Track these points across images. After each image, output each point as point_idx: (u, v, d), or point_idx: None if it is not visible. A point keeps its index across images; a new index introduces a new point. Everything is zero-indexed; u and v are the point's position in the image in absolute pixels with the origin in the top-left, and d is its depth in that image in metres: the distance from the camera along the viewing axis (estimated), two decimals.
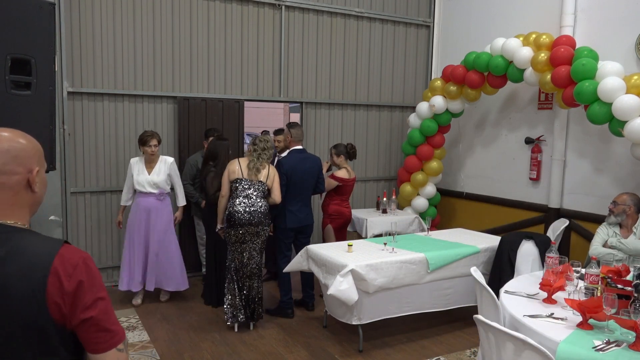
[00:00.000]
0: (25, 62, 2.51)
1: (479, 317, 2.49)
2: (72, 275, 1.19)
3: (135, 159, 4.77)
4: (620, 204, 3.88)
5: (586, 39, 4.84)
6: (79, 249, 1.26)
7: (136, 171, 4.69)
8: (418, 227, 5.87)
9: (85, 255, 1.24)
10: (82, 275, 1.20)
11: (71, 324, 1.20)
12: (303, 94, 6.16)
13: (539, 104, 5.46)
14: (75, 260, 1.21)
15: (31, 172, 1.29)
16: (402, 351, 3.98)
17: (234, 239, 4.18)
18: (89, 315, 1.20)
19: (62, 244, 1.23)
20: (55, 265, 1.18)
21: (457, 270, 4.21)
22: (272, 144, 4.45)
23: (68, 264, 1.19)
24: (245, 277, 4.23)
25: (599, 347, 2.24)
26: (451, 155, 6.53)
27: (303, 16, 6.03)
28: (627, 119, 4.03)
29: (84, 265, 1.21)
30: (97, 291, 1.22)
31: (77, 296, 1.19)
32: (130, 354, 3.79)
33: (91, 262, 1.24)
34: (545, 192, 5.35)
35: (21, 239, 1.22)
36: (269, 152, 4.32)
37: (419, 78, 6.92)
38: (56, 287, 1.17)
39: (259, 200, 4.20)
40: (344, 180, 4.98)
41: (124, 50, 5.17)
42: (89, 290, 1.20)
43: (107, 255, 5.34)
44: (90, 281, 1.21)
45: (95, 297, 1.21)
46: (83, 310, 1.19)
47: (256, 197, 4.20)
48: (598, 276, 2.80)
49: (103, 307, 1.23)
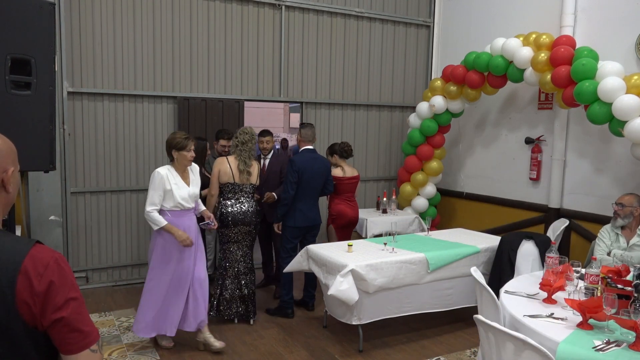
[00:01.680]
0: (25, 62, 2.51)
1: (479, 317, 2.49)
2: (43, 275, 1.16)
3: (164, 169, 3.69)
4: (628, 206, 3.78)
5: (586, 39, 4.84)
6: (51, 248, 1.24)
7: (174, 184, 3.66)
8: (418, 227, 5.87)
9: (57, 255, 1.22)
10: (53, 275, 1.18)
11: (42, 325, 1.18)
12: (303, 94, 6.16)
13: (539, 104, 5.46)
14: (47, 260, 1.19)
15: (6, 172, 1.28)
16: (402, 351, 3.98)
17: (227, 238, 4.31)
18: (60, 315, 1.18)
19: (34, 244, 1.20)
20: (25, 265, 1.16)
21: (457, 270, 4.21)
22: (252, 135, 4.35)
23: (39, 263, 1.17)
24: (241, 274, 4.35)
25: (599, 347, 2.24)
26: (451, 155, 6.53)
27: (303, 16, 6.03)
28: (627, 119, 4.03)
29: (55, 265, 1.19)
30: (68, 291, 1.20)
31: (47, 296, 1.17)
32: (130, 354, 3.79)
33: (63, 262, 1.22)
34: (545, 192, 5.35)
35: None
36: (251, 144, 4.32)
37: (419, 78, 6.92)
38: (26, 287, 1.15)
39: (249, 201, 4.33)
40: (338, 178, 4.95)
41: (124, 50, 5.17)
42: (60, 290, 1.18)
43: (107, 255, 5.34)
44: (61, 281, 1.19)
45: (66, 297, 1.19)
46: (54, 310, 1.17)
47: (247, 198, 4.33)
48: (598, 276, 2.80)
49: (75, 308, 1.21)
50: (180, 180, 3.71)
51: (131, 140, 5.30)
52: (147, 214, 3.63)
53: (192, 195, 3.77)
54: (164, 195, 3.64)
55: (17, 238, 1.24)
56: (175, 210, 3.68)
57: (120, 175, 5.30)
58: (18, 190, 1.36)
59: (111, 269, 5.38)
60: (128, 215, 5.39)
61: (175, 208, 3.68)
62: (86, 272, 5.27)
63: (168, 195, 3.64)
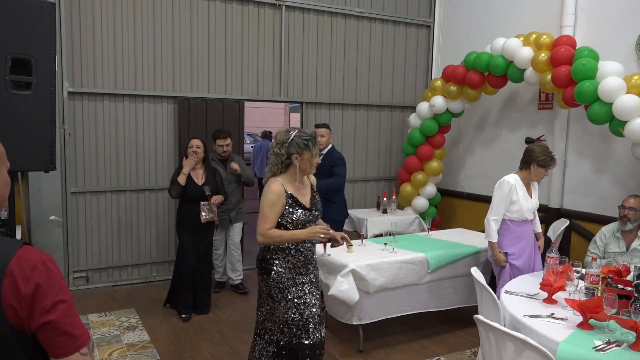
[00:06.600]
0: (25, 62, 2.51)
1: (479, 317, 2.49)
2: (30, 278, 1.14)
3: (512, 177, 3.73)
4: (638, 210, 3.75)
5: (586, 39, 4.84)
6: (39, 250, 1.21)
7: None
8: (418, 227, 5.87)
9: (46, 257, 1.19)
10: (40, 277, 1.15)
11: (30, 328, 1.15)
12: (303, 94, 6.16)
13: (540, 104, 5.46)
14: (34, 262, 1.16)
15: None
16: (403, 351, 3.98)
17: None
18: (48, 319, 1.15)
19: (21, 246, 1.18)
20: (11, 267, 1.13)
21: (457, 270, 4.21)
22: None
23: (25, 265, 1.15)
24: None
25: (600, 347, 2.24)
26: (451, 155, 6.53)
27: (303, 16, 6.03)
28: (628, 119, 4.03)
29: (42, 267, 1.16)
30: (56, 294, 1.17)
31: (34, 300, 1.14)
32: (130, 354, 3.79)
33: (51, 264, 1.19)
34: (546, 192, 5.34)
35: None
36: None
37: (419, 78, 6.92)
38: (12, 290, 1.12)
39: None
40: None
41: (124, 50, 5.17)
42: (48, 293, 1.15)
43: (107, 255, 5.34)
44: (49, 284, 1.16)
45: (54, 300, 1.16)
46: (42, 314, 1.14)
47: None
48: (598, 276, 2.80)
49: (64, 310, 1.17)
50: (526, 192, 3.73)
51: (131, 140, 5.30)
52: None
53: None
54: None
55: (3, 239, 1.21)
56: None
57: (120, 175, 5.29)
58: (9, 190, 1.33)
59: (111, 269, 5.38)
60: (128, 215, 5.39)
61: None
62: (86, 272, 5.27)
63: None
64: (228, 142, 4.88)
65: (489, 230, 3.72)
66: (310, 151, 2.74)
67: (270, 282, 2.76)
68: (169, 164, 5.49)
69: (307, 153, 2.74)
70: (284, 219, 2.72)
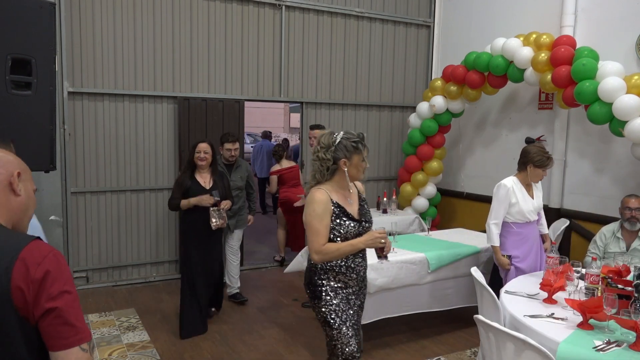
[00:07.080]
0: (25, 62, 2.50)
1: (479, 317, 2.49)
2: (40, 264, 1.17)
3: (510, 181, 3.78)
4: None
5: (586, 39, 4.84)
6: (51, 245, 1.26)
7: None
8: (418, 227, 5.87)
9: (57, 251, 1.23)
10: (50, 265, 1.19)
11: (34, 315, 1.17)
12: (303, 94, 6.16)
13: (540, 104, 5.46)
14: (46, 251, 1.20)
15: (12, 174, 1.31)
16: (402, 351, 3.98)
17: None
18: (54, 305, 1.17)
19: (34, 239, 1.22)
20: (23, 253, 1.17)
21: (457, 270, 4.21)
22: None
23: (37, 253, 1.19)
24: None
25: (600, 347, 2.24)
26: (451, 155, 6.53)
27: (303, 16, 6.03)
28: (628, 119, 4.03)
29: (53, 257, 1.21)
30: (64, 283, 1.20)
31: (43, 285, 1.17)
32: (130, 354, 3.79)
33: (62, 258, 1.23)
34: (546, 192, 5.32)
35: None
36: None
37: (419, 78, 6.92)
38: (22, 273, 1.15)
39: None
40: (277, 171, 6.13)
41: (124, 50, 5.17)
42: (56, 281, 1.18)
43: (107, 255, 5.34)
44: (58, 272, 1.19)
45: (61, 289, 1.19)
46: (48, 299, 1.17)
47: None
48: (598, 276, 2.80)
49: (69, 301, 1.20)
50: (525, 193, 3.72)
51: (131, 140, 5.30)
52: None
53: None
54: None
55: (18, 233, 1.28)
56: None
57: (120, 175, 5.29)
58: (34, 207, 1.38)
59: (111, 269, 5.38)
60: (128, 215, 5.39)
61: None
62: (86, 272, 5.27)
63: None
64: (237, 147, 4.74)
65: (490, 235, 3.72)
66: (361, 154, 2.45)
67: (322, 308, 2.48)
68: (169, 164, 5.49)
69: (357, 156, 2.44)
70: (332, 233, 2.44)
